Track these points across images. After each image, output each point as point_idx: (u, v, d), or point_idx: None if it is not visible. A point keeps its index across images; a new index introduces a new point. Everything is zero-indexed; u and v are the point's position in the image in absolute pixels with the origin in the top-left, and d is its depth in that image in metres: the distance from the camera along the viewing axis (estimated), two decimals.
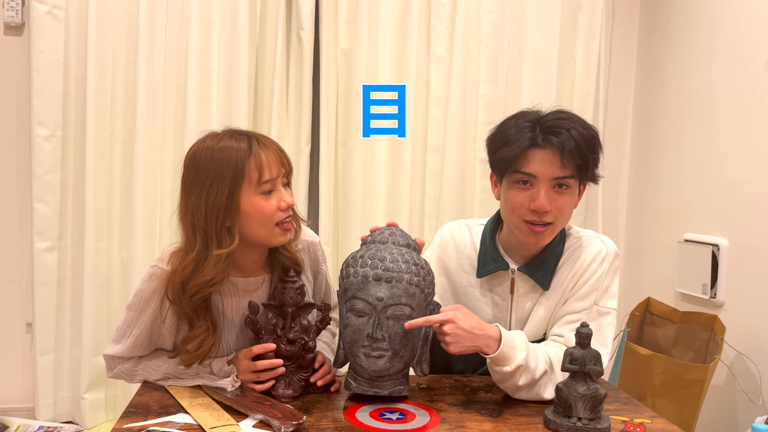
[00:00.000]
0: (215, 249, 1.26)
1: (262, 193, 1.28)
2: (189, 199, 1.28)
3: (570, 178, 1.32)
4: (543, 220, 1.33)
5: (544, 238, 1.36)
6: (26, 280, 2.50)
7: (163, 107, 2.47)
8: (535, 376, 1.30)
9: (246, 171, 1.26)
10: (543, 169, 1.31)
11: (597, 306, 1.39)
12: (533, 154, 1.32)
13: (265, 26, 2.54)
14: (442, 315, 1.27)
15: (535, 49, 2.65)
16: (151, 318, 1.34)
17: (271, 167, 1.28)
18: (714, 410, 2.21)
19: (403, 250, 1.30)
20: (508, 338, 1.29)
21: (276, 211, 1.29)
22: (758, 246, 2.09)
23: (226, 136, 1.30)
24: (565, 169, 1.31)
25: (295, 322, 1.36)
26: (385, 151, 2.60)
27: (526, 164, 1.32)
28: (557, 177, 1.31)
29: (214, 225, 1.26)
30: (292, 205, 1.33)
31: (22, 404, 2.53)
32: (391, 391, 1.31)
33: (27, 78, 2.39)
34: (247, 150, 1.27)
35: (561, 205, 1.33)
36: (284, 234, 1.33)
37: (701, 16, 2.43)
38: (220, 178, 1.25)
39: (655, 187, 2.68)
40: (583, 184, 1.39)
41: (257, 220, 1.29)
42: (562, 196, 1.33)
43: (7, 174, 2.50)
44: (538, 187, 1.32)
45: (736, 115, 2.21)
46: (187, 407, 1.24)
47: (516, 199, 1.35)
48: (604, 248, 1.41)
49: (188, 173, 1.29)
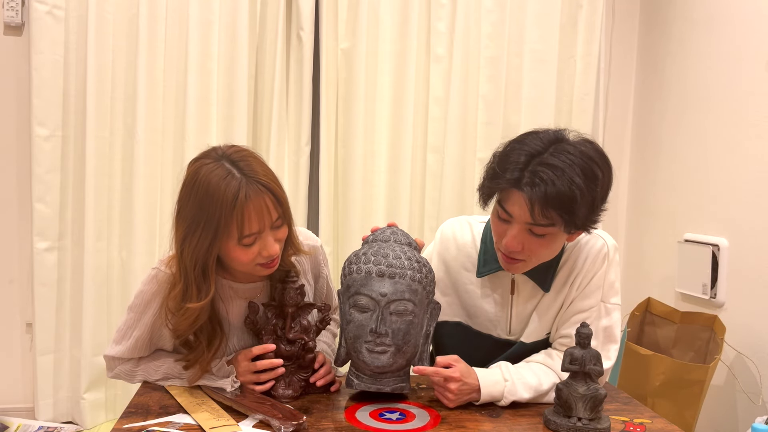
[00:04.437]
0: (193, 300, 1.25)
1: (243, 245, 1.25)
2: (178, 228, 1.26)
3: (547, 227, 1.24)
4: (513, 257, 1.31)
5: (518, 269, 1.35)
6: (26, 280, 2.50)
7: (163, 107, 2.47)
8: (542, 389, 1.33)
9: (227, 225, 1.22)
10: (519, 212, 1.25)
11: (604, 303, 1.39)
12: (513, 194, 1.25)
13: (265, 26, 2.54)
14: (450, 371, 1.30)
15: (535, 49, 2.65)
16: (151, 320, 1.34)
17: (253, 222, 1.22)
18: (714, 410, 2.21)
19: (405, 248, 1.32)
20: (485, 376, 1.32)
21: (257, 257, 1.27)
22: (758, 246, 2.09)
23: (221, 171, 1.22)
24: (537, 219, 1.24)
25: (295, 323, 1.37)
26: (385, 151, 2.60)
27: (506, 201, 1.28)
28: (530, 223, 1.26)
29: (193, 272, 1.25)
30: (275, 255, 1.28)
31: (22, 404, 2.53)
32: (393, 388, 1.31)
33: (27, 78, 2.39)
34: (232, 202, 1.20)
35: (534, 248, 1.28)
36: (268, 270, 1.31)
37: (701, 16, 2.43)
38: (203, 226, 1.22)
39: (655, 187, 2.68)
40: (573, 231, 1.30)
41: (237, 264, 1.29)
42: (538, 239, 1.27)
43: (7, 174, 2.50)
44: (513, 227, 1.28)
45: (736, 114, 2.21)
46: (187, 407, 1.24)
47: (495, 227, 1.34)
48: (605, 245, 1.41)
49: (182, 194, 1.26)
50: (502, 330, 1.46)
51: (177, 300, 1.27)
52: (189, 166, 1.28)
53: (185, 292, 1.26)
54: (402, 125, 2.59)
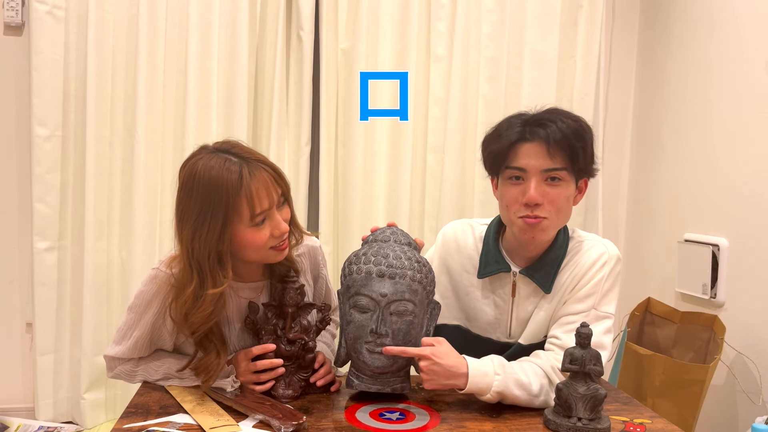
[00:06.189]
0: (210, 288, 1.25)
1: (255, 225, 1.26)
2: (183, 228, 1.26)
3: (561, 170, 1.32)
4: (535, 213, 1.32)
5: (540, 231, 1.34)
6: (26, 280, 2.50)
7: (163, 107, 2.47)
8: (532, 391, 1.29)
9: (237, 207, 1.22)
10: (532, 161, 1.31)
11: (596, 310, 1.38)
12: (522, 148, 1.33)
13: (265, 26, 2.54)
14: (420, 349, 1.27)
15: (535, 49, 2.65)
16: (151, 320, 1.34)
17: (263, 199, 1.24)
18: (714, 410, 2.21)
19: (405, 248, 1.32)
20: (476, 367, 1.28)
21: (269, 239, 1.28)
22: (758, 246, 2.09)
23: (219, 160, 1.24)
24: (554, 161, 1.31)
25: (295, 323, 1.37)
26: (385, 151, 2.60)
27: (516, 158, 1.33)
28: (547, 169, 1.31)
29: (207, 262, 1.25)
30: (286, 231, 1.30)
31: (22, 404, 2.53)
32: (393, 388, 1.31)
33: (27, 78, 2.39)
34: (238, 183, 1.22)
35: (553, 197, 1.32)
36: (280, 253, 1.32)
37: (701, 16, 2.43)
38: (211, 215, 1.22)
39: (655, 187, 2.68)
40: (582, 179, 1.38)
41: (251, 249, 1.28)
42: (555, 188, 1.32)
43: (7, 174, 2.50)
44: (529, 181, 1.32)
45: (736, 115, 2.21)
46: (187, 407, 1.24)
47: (509, 195, 1.35)
48: (606, 252, 1.40)
49: (181, 196, 1.27)
50: (501, 333, 1.46)
51: (192, 298, 1.25)
52: (181, 168, 1.28)
53: (201, 286, 1.25)
54: (402, 125, 2.59)
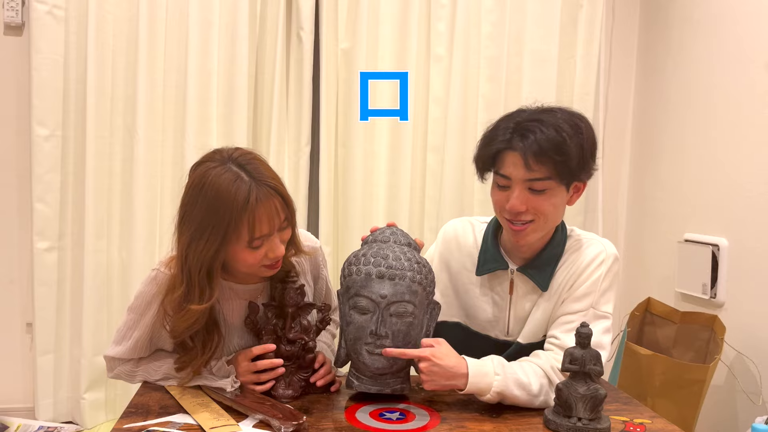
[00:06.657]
0: (195, 302, 1.25)
1: (252, 248, 1.25)
2: (182, 233, 1.26)
3: (545, 180, 1.29)
4: (520, 219, 1.33)
5: (526, 236, 1.35)
6: (26, 280, 2.50)
7: (163, 107, 2.47)
8: (532, 391, 1.29)
9: (237, 228, 1.21)
10: (514, 171, 1.30)
11: (594, 309, 1.37)
12: (506, 155, 1.31)
13: (265, 26, 2.54)
14: (419, 351, 1.27)
15: (535, 49, 2.65)
16: (151, 321, 1.34)
17: (264, 225, 1.23)
18: (714, 410, 2.21)
19: (405, 249, 1.31)
20: (476, 367, 1.28)
21: (262, 260, 1.27)
22: (758, 246, 2.09)
23: (230, 175, 1.21)
24: (534, 172, 1.28)
25: (295, 323, 1.37)
26: (385, 151, 2.60)
27: (502, 166, 1.33)
28: (529, 179, 1.30)
29: (197, 274, 1.24)
30: (281, 256, 1.29)
31: (22, 404, 2.53)
32: (393, 389, 1.31)
33: (27, 78, 2.39)
34: (243, 205, 1.20)
35: (538, 205, 1.31)
36: (271, 270, 1.32)
37: (701, 16, 2.43)
38: (211, 229, 1.21)
39: (655, 187, 2.68)
40: (575, 183, 1.35)
41: (242, 266, 1.29)
42: (539, 196, 1.31)
43: (7, 174, 2.50)
44: (513, 189, 1.31)
45: (736, 114, 2.21)
46: (187, 407, 1.24)
47: (495, 198, 1.37)
48: (604, 251, 1.40)
49: (187, 199, 1.25)
50: (500, 331, 1.46)
51: (177, 302, 1.26)
52: (193, 169, 1.27)
53: (187, 294, 1.26)
54: (402, 125, 2.59)
